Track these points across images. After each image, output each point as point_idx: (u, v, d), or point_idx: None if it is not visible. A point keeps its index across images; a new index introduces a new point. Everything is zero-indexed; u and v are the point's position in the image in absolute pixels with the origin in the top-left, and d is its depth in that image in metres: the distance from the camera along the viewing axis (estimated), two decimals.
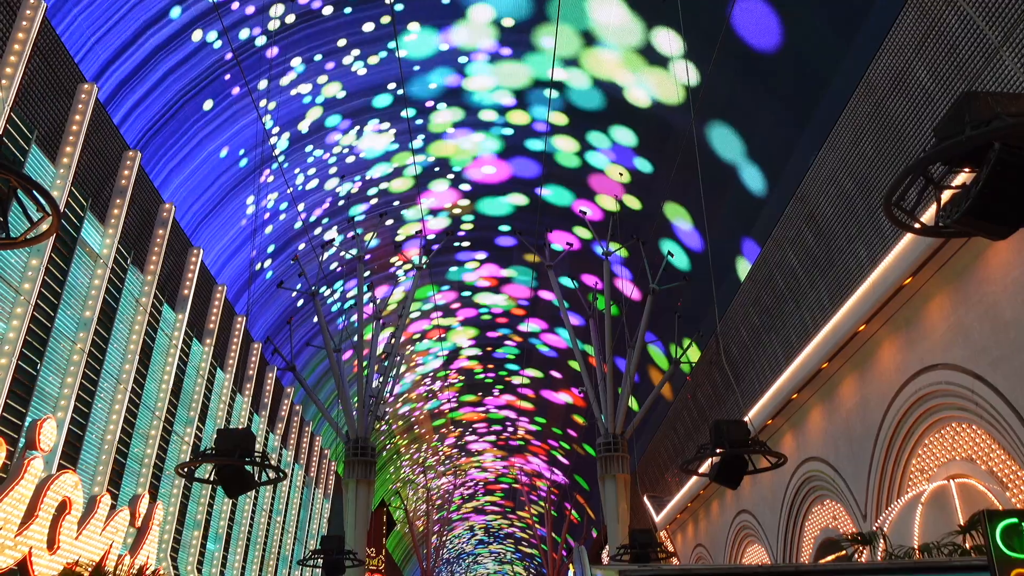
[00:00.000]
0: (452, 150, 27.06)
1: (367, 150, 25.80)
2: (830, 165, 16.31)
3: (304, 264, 26.45)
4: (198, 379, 24.00)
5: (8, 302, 14.41)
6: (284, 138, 22.90)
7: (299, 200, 25.66)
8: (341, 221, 27.93)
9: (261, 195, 24.13)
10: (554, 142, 25.75)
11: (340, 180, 26.34)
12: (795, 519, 21.35)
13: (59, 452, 16.08)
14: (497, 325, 40.20)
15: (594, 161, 25.67)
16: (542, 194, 28.40)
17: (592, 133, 24.57)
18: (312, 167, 24.82)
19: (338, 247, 27.86)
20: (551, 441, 52.55)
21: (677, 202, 23.98)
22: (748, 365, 22.78)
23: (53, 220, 6.01)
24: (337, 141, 24.69)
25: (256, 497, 29.74)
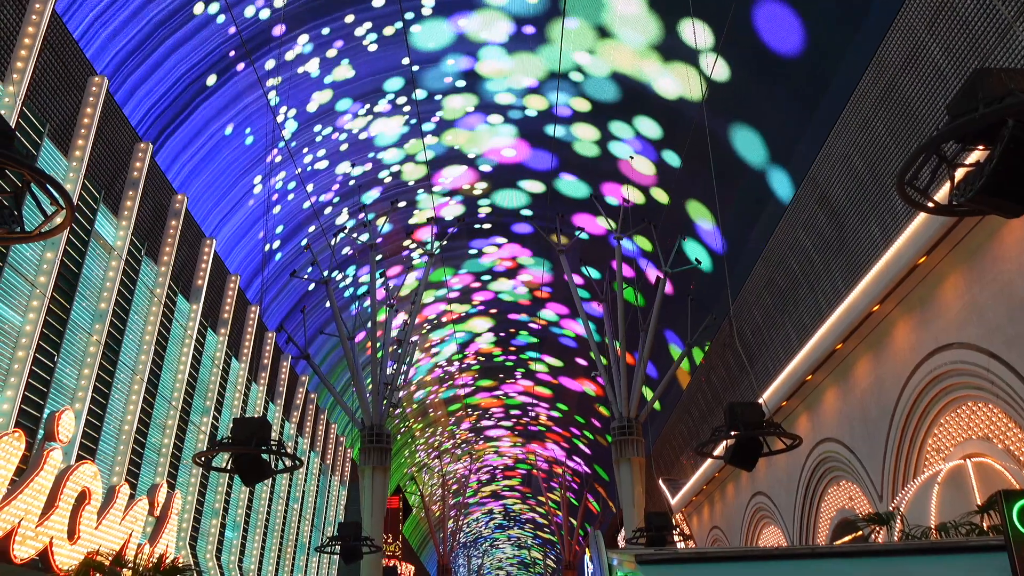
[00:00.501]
0: (466, 137, 27.00)
1: (379, 135, 25.78)
2: (841, 146, 16.21)
3: (315, 250, 26.55)
4: (213, 369, 24.15)
5: (24, 295, 14.52)
6: (292, 119, 22.87)
7: (308, 181, 25.66)
8: (352, 205, 27.91)
9: (271, 180, 24.16)
10: (574, 130, 25.59)
11: (351, 164, 26.35)
12: (811, 500, 21.33)
13: (77, 443, 16.23)
14: (516, 309, 40.09)
15: (615, 151, 25.54)
16: (558, 181, 28.30)
17: (615, 123, 24.42)
18: (321, 147, 24.80)
19: (349, 232, 27.91)
20: (573, 429, 52.51)
21: (695, 198, 23.87)
22: (762, 347, 22.74)
23: (67, 213, 6.04)
24: (345, 125, 24.67)
25: (273, 485, 29.95)
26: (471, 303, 39.39)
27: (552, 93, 24.27)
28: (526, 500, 76.50)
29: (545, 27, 21.73)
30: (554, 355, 43.81)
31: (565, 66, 22.86)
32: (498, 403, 54.24)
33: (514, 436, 60.95)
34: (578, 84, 23.48)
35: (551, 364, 45.12)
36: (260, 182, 23.92)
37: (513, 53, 22.97)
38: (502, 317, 40.94)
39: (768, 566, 6.78)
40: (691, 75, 19.94)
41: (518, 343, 44.01)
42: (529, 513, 79.89)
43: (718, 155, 19.67)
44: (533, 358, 45.11)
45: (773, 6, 16.88)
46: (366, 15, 20.91)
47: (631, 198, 25.70)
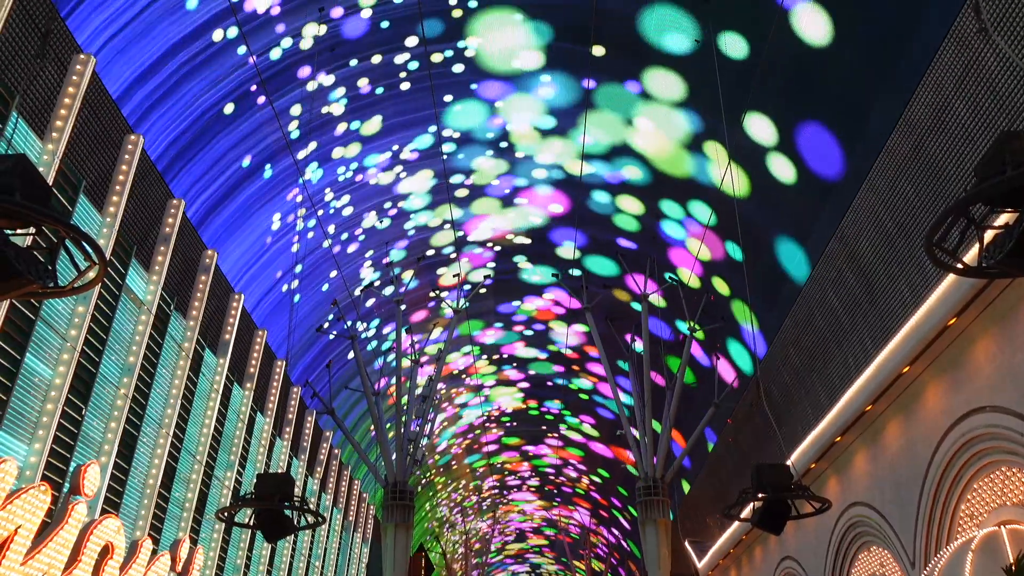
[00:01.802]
0: (495, 204, 27.31)
1: (408, 196, 26.10)
2: (870, 204, 16.18)
3: (341, 302, 26.74)
4: (238, 423, 24.19)
5: (55, 348, 14.70)
6: (318, 171, 23.24)
7: (336, 237, 25.93)
8: (378, 260, 28.10)
9: (295, 231, 24.46)
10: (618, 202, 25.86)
11: (378, 217, 26.62)
12: (841, 566, 20.83)
13: (102, 497, 16.26)
14: (548, 373, 39.95)
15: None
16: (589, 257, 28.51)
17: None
18: (349, 206, 25.11)
19: (377, 288, 28.07)
20: (614, 500, 51.75)
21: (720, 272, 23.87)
22: (790, 408, 22.45)
23: (100, 269, 6.15)
24: (371, 179, 25.00)
25: (295, 541, 29.73)
26: (500, 361, 39.26)
27: (591, 162, 24.50)
28: (550, 565, 75.27)
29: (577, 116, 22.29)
30: (588, 416, 43.38)
31: (600, 148, 23.35)
32: (526, 465, 53.69)
33: (540, 500, 60.21)
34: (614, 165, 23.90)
35: (586, 431, 44.66)
36: (286, 233, 24.20)
37: (546, 137, 23.53)
38: (534, 379, 40.73)
39: None
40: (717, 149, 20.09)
41: (549, 407, 43.72)
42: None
43: (743, 211, 19.71)
44: (565, 420, 44.61)
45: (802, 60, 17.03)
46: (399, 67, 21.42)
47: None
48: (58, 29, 14.10)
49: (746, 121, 18.91)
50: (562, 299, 32.38)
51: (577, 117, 22.70)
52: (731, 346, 25.95)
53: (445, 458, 47.83)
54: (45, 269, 5.96)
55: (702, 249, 24.32)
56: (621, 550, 58.24)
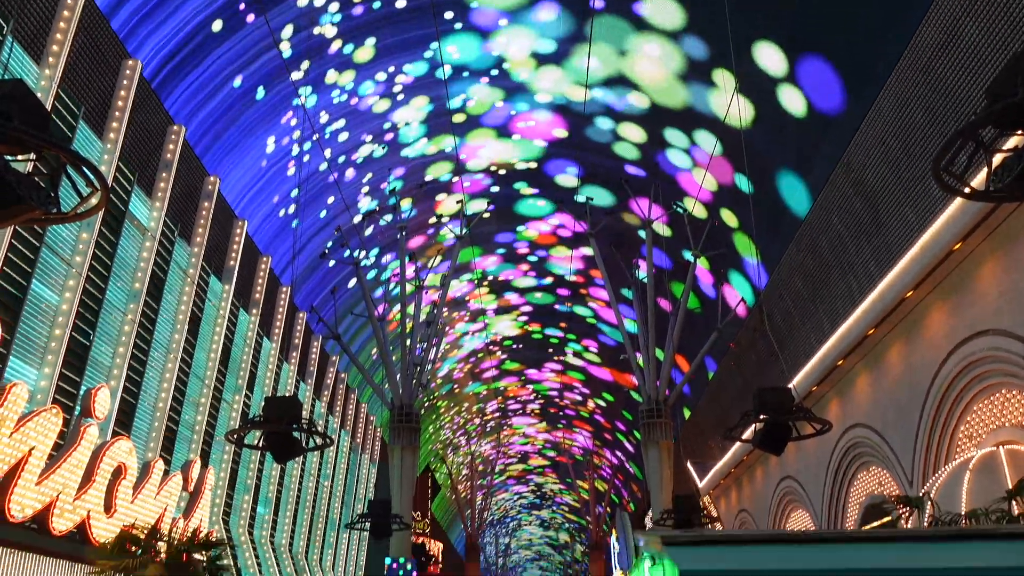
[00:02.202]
0: (492, 134, 27.00)
1: (404, 126, 25.83)
2: (877, 129, 15.98)
3: (344, 229, 26.72)
4: (245, 348, 24.42)
5: (60, 275, 14.76)
6: (314, 96, 22.95)
7: (336, 163, 25.77)
8: (376, 186, 27.95)
9: (297, 164, 24.31)
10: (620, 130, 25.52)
11: (379, 145, 26.41)
12: (840, 485, 21.23)
13: (113, 420, 16.53)
14: (549, 300, 40.00)
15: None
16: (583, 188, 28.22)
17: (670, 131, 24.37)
18: (345, 131, 24.87)
19: (378, 215, 28.01)
20: (618, 423, 52.36)
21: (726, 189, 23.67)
22: (793, 332, 22.58)
23: (102, 194, 6.13)
24: (371, 107, 24.68)
25: (304, 463, 30.30)
26: (502, 287, 39.34)
27: (594, 90, 24.10)
28: (554, 484, 76.67)
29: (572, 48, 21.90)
30: (593, 340, 43.57)
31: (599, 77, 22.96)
32: (529, 388, 54.21)
33: (546, 421, 60.93)
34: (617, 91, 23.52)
35: (589, 357, 44.89)
36: (284, 157, 24.05)
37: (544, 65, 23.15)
38: (536, 304, 40.78)
39: (796, 550, 6.76)
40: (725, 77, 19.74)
41: (552, 332, 43.88)
42: (560, 496, 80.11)
43: (753, 132, 19.51)
44: (568, 343, 44.84)
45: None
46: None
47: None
48: None
49: (754, 50, 18.57)
50: (566, 222, 32.22)
51: (576, 45, 22.28)
52: (734, 278, 25.96)
53: (447, 386, 48.32)
54: (47, 195, 5.94)
55: (707, 179, 24.15)
56: (624, 472, 59.31)
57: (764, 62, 18.74)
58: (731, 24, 17.43)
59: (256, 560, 25.02)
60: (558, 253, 35.55)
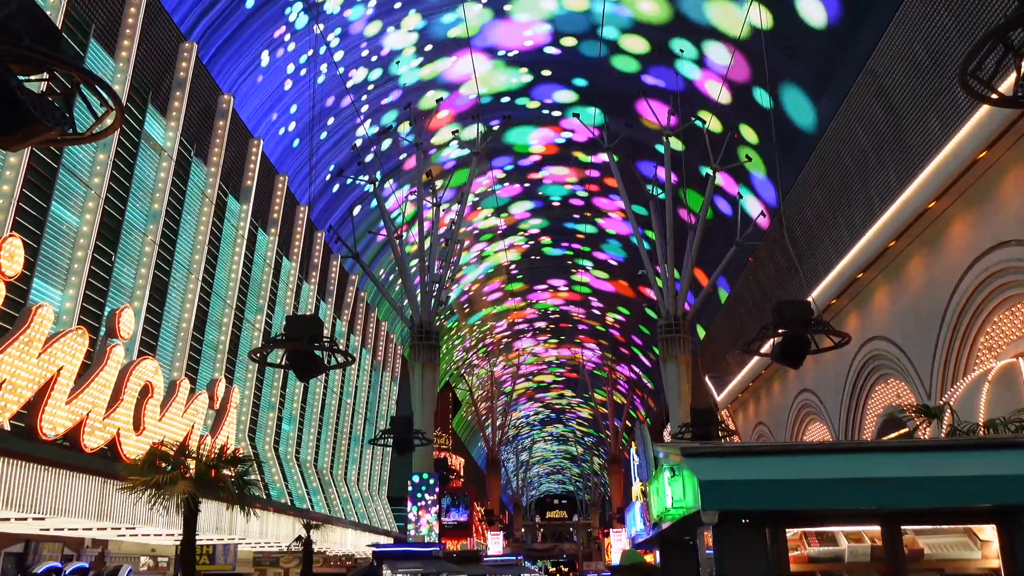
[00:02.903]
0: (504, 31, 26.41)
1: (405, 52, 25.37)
2: (902, 35, 15.55)
3: (360, 147, 26.52)
4: (265, 268, 24.57)
5: (80, 196, 14.80)
6: (333, 16, 22.58)
7: (348, 69, 25.44)
8: (391, 91, 27.59)
9: (311, 73, 24.02)
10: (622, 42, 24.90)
11: (397, 62, 26.03)
12: (858, 398, 21.36)
13: (138, 340, 16.78)
14: (568, 208, 39.63)
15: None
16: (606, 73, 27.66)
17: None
18: (365, 48, 24.51)
19: (393, 131, 27.75)
20: (634, 338, 52.52)
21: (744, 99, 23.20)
22: (812, 245, 22.45)
23: (117, 114, 6.09)
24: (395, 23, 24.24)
25: (326, 380, 30.76)
26: (517, 198, 39.01)
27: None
28: (570, 397, 77.53)
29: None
30: (609, 253, 43.38)
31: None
32: (531, 311, 54.31)
33: (554, 338, 61.18)
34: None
35: (608, 264, 44.70)
36: (297, 72, 23.77)
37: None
38: (551, 214, 40.45)
39: (812, 460, 6.84)
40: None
41: (570, 244, 43.63)
42: (576, 411, 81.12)
43: (770, 43, 19.05)
44: (584, 256, 44.76)
45: None
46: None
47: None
48: None
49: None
50: (577, 128, 31.63)
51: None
52: (745, 194, 25.66)
53: (467, 273, 48.28)
54: (62, 116, 5.90)
55: (722, 93, 23.69)
56: (641, 386, 59.89)
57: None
58: None
59: (282, 475, 25.67)
60: (563, 168, 35.12)
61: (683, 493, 6.89)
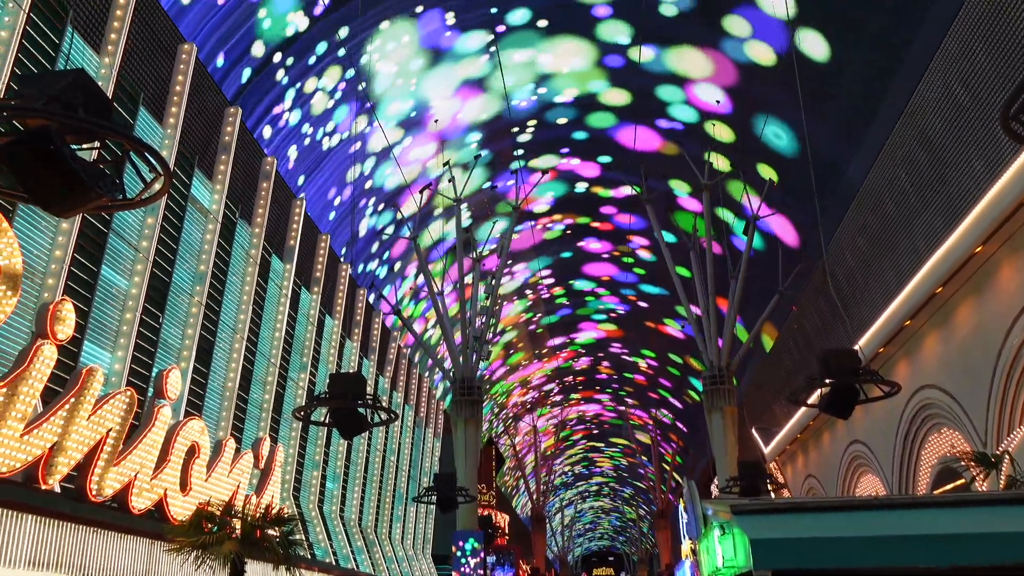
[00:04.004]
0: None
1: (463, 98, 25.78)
2: (942, 77, 15.47)
3: (401, 204, 26.83)
4: (308, 326, 24.79)
5: (129, 259, 15.13)
6: (375, 71, 23.04)
7: (392, 137, 25.88)
8: (430, 142, 27.97)
9: (355, 148, 24.46)
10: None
11: (434, 121, 26.44)
12: (911, 448, 20.83)
13: (184, 400, 16.95)
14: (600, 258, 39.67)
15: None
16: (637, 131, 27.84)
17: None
18: (403, 102, 24.94)
19: (433, 188, 28.09)
20: (663, 380, 52.15)
21: (776, 117, 23.14)
22: (857, 292, 22.14)
23: (165, 179, 6.24)
24: (429, 87, 24.69)
25: (370, 438, 30.74)
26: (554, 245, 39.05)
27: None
28: (612, 450, 76.62)
29: None
30: (644, 302, 43.21)
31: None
32: (573, 354, 54.07)
33: (593, 389, 60.78)
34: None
35: (638, 307, 44.48)
36: (345, 141, 24.22)
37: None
38: (583, 261, 40.45)
39: (867, 516, 6.66)
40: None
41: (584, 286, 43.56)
42: (617, 462, 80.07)
43: (808, 89, 19.03)
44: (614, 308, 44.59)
45: None
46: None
47: (717, 134, 25.01)
48: None
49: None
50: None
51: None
52: (793, 237, 25.48)
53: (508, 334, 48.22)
54: (113, 182, 6.06)
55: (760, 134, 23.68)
56: (675, 430, 59.23)
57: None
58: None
59: (327, 534, 25.56)
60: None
61: (734, 552, 6.75)
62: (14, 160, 5.71)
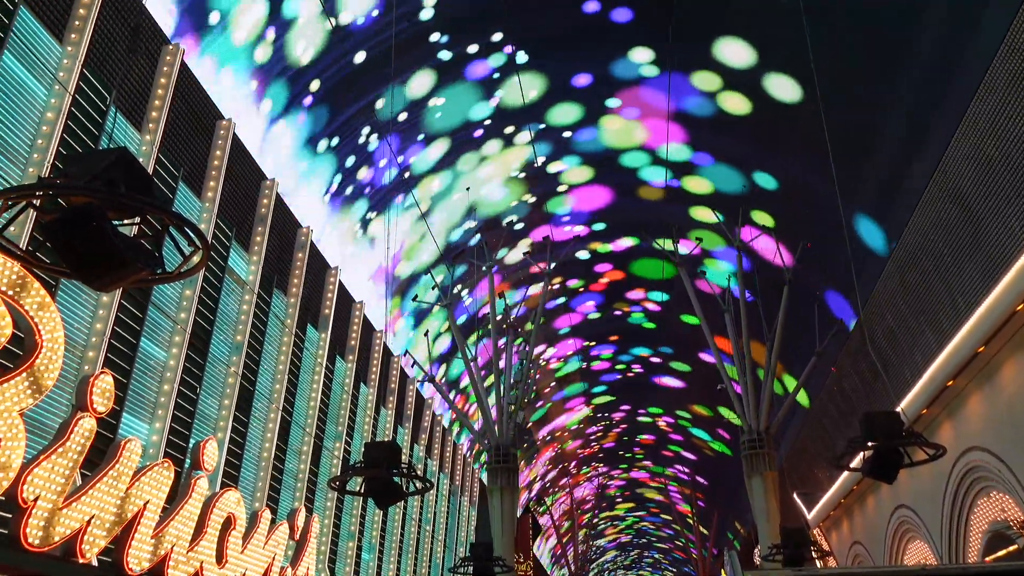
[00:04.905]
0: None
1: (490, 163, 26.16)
2: (974, 135, 15.43)
3: (433, 272, 27.04)
4: (343, 395, 24.84)
5: (167, 331, 15.33)
6: (405, 140, 23.45)
7: (426, 205, 26.20)
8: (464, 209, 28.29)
9: (391, 216, 24.79)
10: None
11: (466, 188, 26.77)
12: (959, 513, 20.24)
13: (221, 471, 16.97)
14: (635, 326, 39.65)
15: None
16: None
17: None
18: (437, 170, 25.31)
19: (468, 256, 28.33)
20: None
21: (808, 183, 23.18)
22: (897, 353, 21.79)
23: (204, 253, 6.35)
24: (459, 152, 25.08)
25: (405, 507, 30.49)
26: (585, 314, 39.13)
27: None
28: (653, 518, 75.41)
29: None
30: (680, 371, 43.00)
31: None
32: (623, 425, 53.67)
33: (632, 456, 60.17)
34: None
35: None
36: (378, 209, 24.56)
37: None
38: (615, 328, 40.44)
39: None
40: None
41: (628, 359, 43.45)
42: (657, 529, 78.70)
43: (839, 154, 19.04)
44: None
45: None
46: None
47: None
48: (147, 23, 14.53)
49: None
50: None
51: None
52: (829, 297, 25.26)
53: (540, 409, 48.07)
54: (152, 257, 6.19)
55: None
56: (696, 486, 58.31)
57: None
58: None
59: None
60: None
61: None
62: (58, 237, 5.87)
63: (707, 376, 34.04)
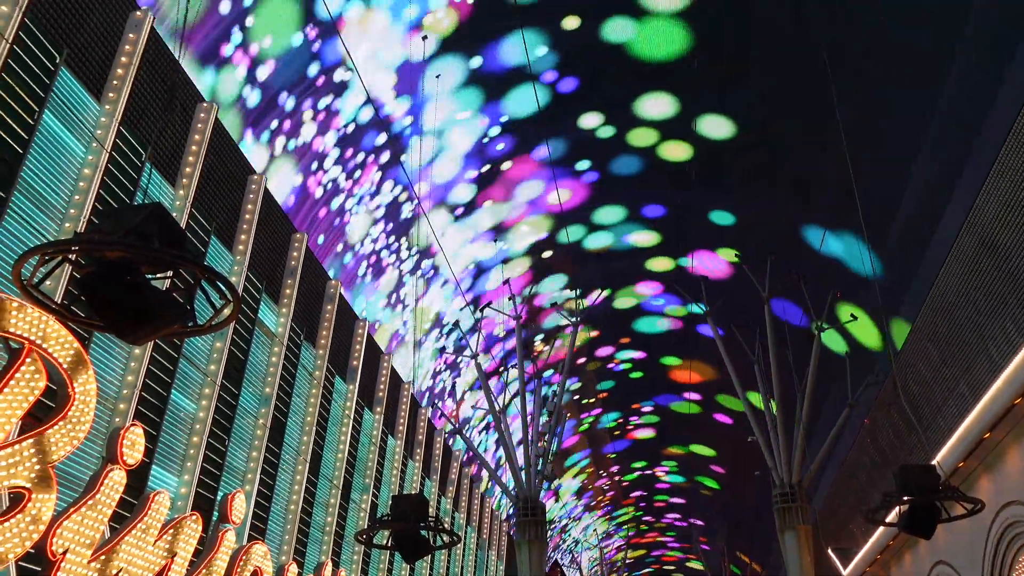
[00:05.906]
0: None
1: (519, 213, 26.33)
2: (1004, 184, 15.32)
3: (461, 324, 27.08)
4: (371, 447, 24.77)
5: (197, 383, 15.44)
6: (434, 210, 23.68)
7: (452, 262, 26.33)
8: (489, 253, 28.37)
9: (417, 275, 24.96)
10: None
11: (494, 240, 26.92)
12: (1000, 570, 19.67)
13: (248, 523, 16.92)
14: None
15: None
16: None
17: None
18: (461, 219, 25.49)
19: (494, 308, 28.39)
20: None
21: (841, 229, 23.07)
22: (931, 404, 21.42)
23: (234, 306, 6.43)
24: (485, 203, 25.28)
25: (432, 561, 30.15)
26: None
27: None
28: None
29: None
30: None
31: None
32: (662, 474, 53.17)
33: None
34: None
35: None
36: (403, 265, 24.74)
37: None
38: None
39: None
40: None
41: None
42: None
43: (868, 203, 18.97)
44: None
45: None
46: None
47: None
48: (182, 80, 14.89)
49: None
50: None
51: None
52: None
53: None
54: (185, 310, 6.27)
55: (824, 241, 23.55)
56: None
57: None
58: None
59: None
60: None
61: None
62: (92, 291, 5.97)
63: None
